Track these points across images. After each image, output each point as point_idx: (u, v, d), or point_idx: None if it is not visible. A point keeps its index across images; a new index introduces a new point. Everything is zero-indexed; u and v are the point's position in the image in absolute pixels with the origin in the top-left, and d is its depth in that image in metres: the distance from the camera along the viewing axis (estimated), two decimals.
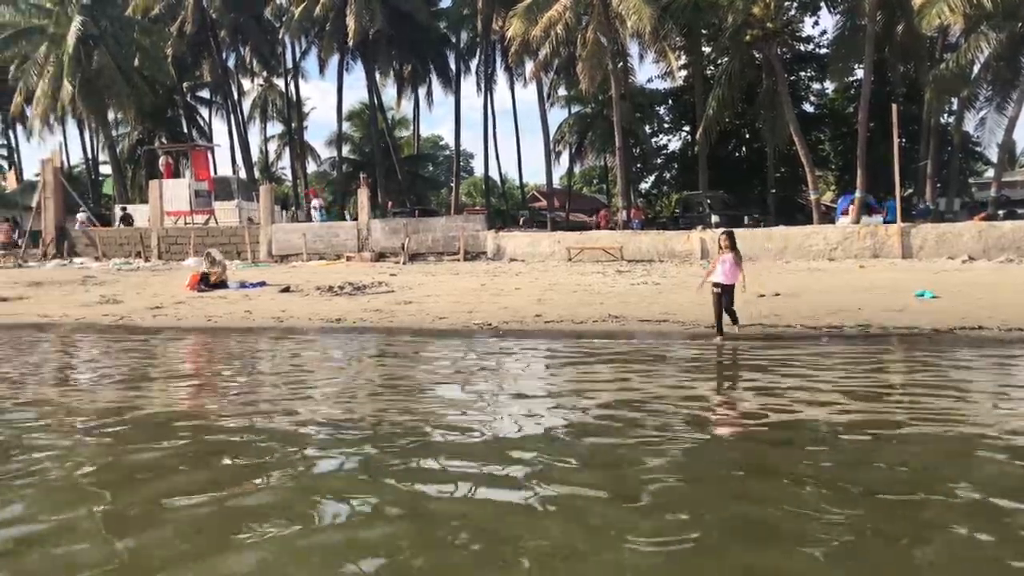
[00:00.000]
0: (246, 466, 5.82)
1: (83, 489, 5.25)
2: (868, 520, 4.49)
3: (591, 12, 33.86)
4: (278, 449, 6.13)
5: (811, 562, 4.01)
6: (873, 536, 4.30)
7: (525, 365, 10.31)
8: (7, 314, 16.70)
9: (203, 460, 6.01)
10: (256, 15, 50.44)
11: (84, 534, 4.51)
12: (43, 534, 4.50)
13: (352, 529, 4.58)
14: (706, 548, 4.18)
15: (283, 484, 5.31)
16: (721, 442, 6.49)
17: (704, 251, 25.16)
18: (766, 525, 4.49)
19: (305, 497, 5.01)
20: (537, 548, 4.17)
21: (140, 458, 6.03)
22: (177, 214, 33.76)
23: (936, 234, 23.15)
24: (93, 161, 58.88)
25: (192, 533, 4.46)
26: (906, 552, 4.17)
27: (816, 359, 9.93)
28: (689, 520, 4.54)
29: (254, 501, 5.02)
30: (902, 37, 33.49)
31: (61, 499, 5.10)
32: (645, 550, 4.15)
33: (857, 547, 4.17)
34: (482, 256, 27.89)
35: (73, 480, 5.46)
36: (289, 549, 4.22)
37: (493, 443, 6.32)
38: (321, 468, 5.73)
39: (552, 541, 4.27)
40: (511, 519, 4.63)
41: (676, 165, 50.45)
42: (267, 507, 4.85)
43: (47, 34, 42.96)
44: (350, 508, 4.89)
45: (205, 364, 11.24)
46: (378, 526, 4.58)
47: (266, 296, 18.36)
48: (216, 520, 4.68)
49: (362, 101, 60.14)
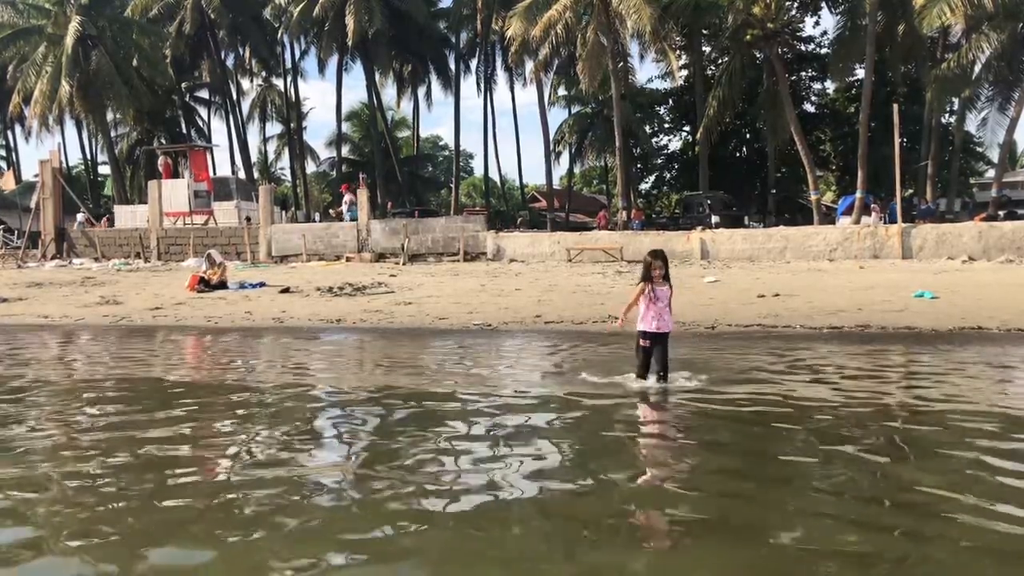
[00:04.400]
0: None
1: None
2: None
3: (591, 12, 33.85)
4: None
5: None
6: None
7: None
8: (7, 315, 16.68)
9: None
10: (255, 15, 50.46)
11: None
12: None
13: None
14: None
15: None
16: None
17: (704, 251, 25.15)
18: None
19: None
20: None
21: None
22: (176, 215, 33.74)
23: (936, 235, 23.12)
24: (92, 162, 58.94)
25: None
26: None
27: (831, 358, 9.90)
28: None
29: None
30: (903, 37, 33.46)
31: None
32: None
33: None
34: (482, 257, 27.86)
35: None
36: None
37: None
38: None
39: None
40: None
41: (676, 165, 50.44)
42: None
43: (45, 34, 42.96)
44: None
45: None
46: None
47: (266, 297, 18.33)
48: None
49: (362, 101, 60.26)
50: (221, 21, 48.85)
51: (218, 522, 4.46)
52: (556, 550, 3.99)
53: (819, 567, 3.78)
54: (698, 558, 3.93)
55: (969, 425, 6.36)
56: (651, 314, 7.92)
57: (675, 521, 4.48)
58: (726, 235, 25.87)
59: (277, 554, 3.97)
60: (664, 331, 7.99)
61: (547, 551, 3.98)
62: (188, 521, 4.47)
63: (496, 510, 4.59)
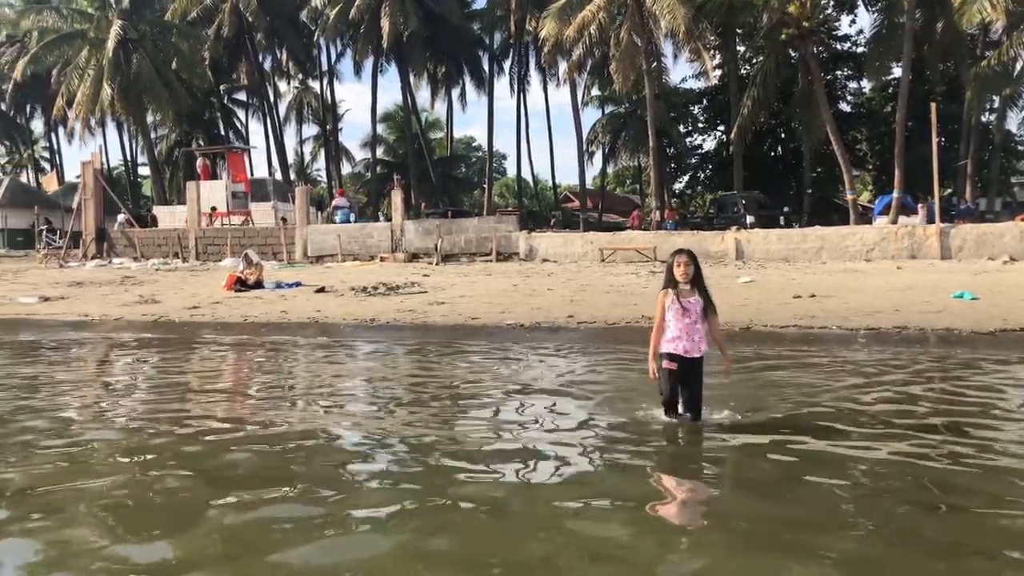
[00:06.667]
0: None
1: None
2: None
3: (625, 12, 33.78)
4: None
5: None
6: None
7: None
8: (49, 313, 17.04)
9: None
10: (292, 18, 51.00)
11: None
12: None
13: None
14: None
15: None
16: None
17: (739, 252, 24.99)
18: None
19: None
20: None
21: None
22: (214, 215, 34.19)
23: (976, 234, 22.77)
24: (132, 163, 60.00)
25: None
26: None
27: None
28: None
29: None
30: (942, 34, 32.97)
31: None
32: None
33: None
34: (514, 257, 27.91)
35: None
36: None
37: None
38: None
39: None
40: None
41: (710, 165, 50.18)
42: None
43: (88, 39, 43.76)
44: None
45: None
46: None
47: (302, 296, 18.53)
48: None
49: (396, 103, 60.76)
50: (259, 24, 49.44)
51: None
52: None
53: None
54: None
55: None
56: (677, 330, 6.07)
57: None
58: (761, 235, 25.68)
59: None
60: (694, 355, 6.09)
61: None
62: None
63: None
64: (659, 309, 6.14)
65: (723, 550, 4.03)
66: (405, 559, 3.92)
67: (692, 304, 6.08)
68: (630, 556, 3.93)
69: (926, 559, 3.89)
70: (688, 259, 6.07)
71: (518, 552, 4.02)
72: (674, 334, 6.08)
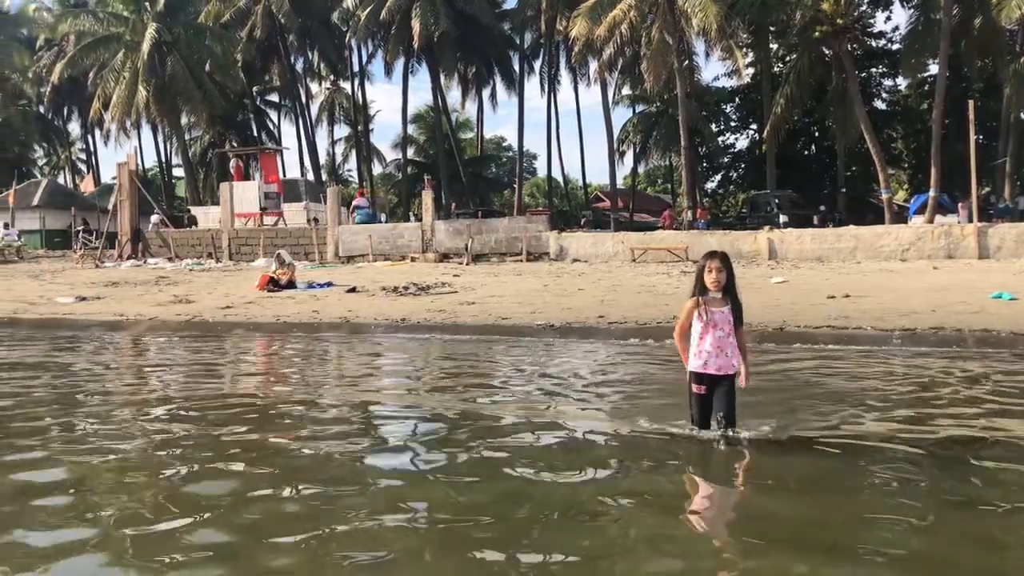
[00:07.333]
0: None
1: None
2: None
3: (656, 10, 33.61)
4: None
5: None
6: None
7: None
8: (85, 313, 17.27)
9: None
10: (324, 20, 51.42)
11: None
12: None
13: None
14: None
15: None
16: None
17: (772, 251, 24.77)
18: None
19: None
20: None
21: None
22: (247, 216, 34.50)
23: (1015, 233, 22.36)
24: (166, 164, 60.74)
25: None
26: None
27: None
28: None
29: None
30: (979, 30, 32.43)
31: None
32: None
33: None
34: (545, 257, 27.86)
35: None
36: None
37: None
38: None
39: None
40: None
41: (743, 164, 49.81)
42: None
43: (123, 42, 44.39)
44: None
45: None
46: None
47: (333, 296, 18.62)
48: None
49: (427, 103, 60.90)
50: (291, 26, 49.88)
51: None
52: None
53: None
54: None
55: None
56: (707, 344, 5.61)
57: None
58: (794, 235, 25.41)
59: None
60: (726, 372, 5.63)
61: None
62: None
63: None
64: (684, 315, 5.76)
65: (767, 548, 4.04)
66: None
67: (722, 316, 5.65)
68: (667, 550, 3.97)
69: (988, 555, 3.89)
70: (721, 264, 5.63)
71: (551, 544, 4.06)
72: (703, 348, 5.63)
